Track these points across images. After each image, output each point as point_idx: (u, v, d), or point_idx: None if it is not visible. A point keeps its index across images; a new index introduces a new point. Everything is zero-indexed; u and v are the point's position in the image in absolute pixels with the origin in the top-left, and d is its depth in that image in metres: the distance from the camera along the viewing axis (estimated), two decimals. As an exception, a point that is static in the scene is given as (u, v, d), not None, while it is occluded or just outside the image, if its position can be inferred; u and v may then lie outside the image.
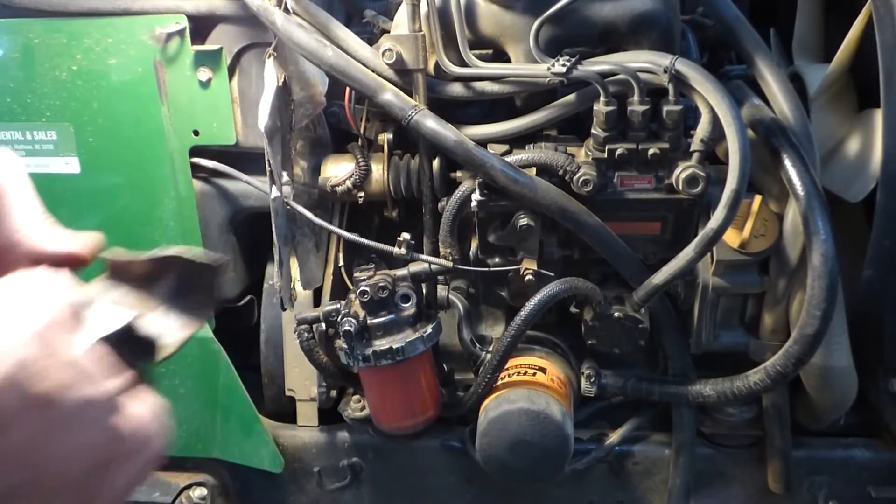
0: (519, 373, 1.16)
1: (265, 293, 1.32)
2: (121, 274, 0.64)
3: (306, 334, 1.17)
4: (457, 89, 1.09)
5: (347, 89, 1.15)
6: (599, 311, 1.11)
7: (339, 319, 1.10)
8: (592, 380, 1.18)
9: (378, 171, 1.17)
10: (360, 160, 1.16)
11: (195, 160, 1.20)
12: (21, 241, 0.56)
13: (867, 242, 1.07)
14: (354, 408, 1.28)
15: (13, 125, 1.19)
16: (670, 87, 0.98)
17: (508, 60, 1.09)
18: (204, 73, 1.15)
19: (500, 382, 1.15)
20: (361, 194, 1.17)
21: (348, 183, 1.16)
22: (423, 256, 1.13)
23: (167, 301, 0.64)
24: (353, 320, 1.09)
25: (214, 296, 0.64)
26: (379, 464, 1.29)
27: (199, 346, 1.25)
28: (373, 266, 1.15)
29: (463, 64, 1.06)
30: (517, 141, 1.10)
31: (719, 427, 1.22)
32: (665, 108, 0.99)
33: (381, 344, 1.09)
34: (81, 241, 0.58)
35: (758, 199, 1.05)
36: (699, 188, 1.00)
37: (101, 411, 0.52)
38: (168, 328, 0.62)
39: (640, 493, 1.27)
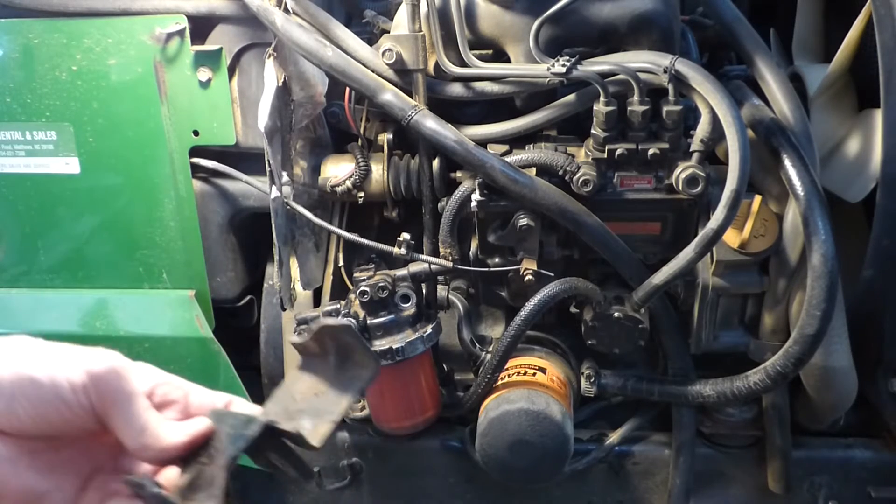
0: (519, 373, 1.16)
1: (265, 293, 1.32)
2: (305, 357, 0.72)
3: (306, 334, 1.17)
4: (457, 89, 1.09)
5: (347, 89, 1.15)
6: (599, 311, 1.11)
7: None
8: (592, 380, 1.18)
9: (378, 171, 1.17)
10: (360, 160, 1.16)
11: (195, 160, 1.20)
12: (148, 444, 0.60)
13: (867, 242, 1.07)
14: (354, 408, 1.28)
15: (13, 125, 1.19)
16: (670, 87, 0.98)
17: (508, 60, 1.09)
18: (204, 73, 1.15)
19: (500, 382, 1.15)
20: (361, 194, 1.17)
21: (348, 183, 1.16)
22: (423, 256, 1.13)
23: (336, 371, 0.70)
24: (353, 320, 1.09)
25: (370, 353, 0.69)
26: (379, 464, 1.29)
27: (199, 346, 1.25)
28: (373, 266, 1.15)
29: (463, 64, 1.06)
30: (517, 141, 1.10)
31: (719, 427, 1.22)
32: (665, 109, 0.99)
33: (381, 344, 1.09)
34: (195, 426, 0.63)
35: (758, 199, 1.05)
36: (699, 188, 1.00)
37: None
38: (328, 406, 0.68)
39: (640, 493, 1.27)
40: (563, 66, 0.98)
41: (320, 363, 0.71)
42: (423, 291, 1.16)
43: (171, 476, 0.63)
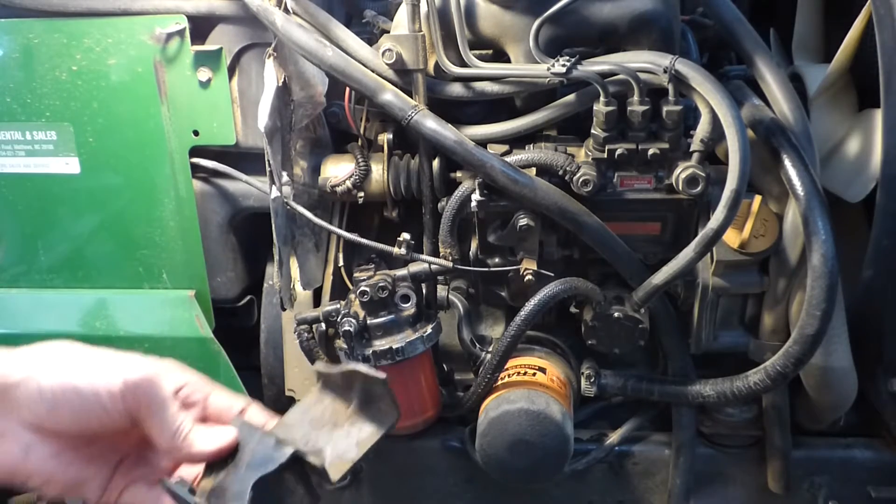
0: (519, 373, 1.16)
1: (265, 293, 1.32)
2: (327, 383, 0.75)
3: (306, 334, 1.17)
4: (457, 89, 1.09)
5: (347, 89, 1.15)
6: (599, 311, 1.11)
7: (339, 319, 1.10)
8: (592, 380, 1.18)
9: (378, 171, 1.17)
10: (360, 160, 1.16)
11: (195, 160, 1.20)
12: (179, 448, 0.68)
13: (867, 242, 1.07)
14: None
15: (13, 125, 1.19)
16: (670, 87, 0.98)
17: (508, 60, 1.09)
18: (204, 73, 1.15)
19: (500, 382, 1.15)
20: (361, 194, 1.17)
21: (348, 183, 1.16)
22: (423, 256, 1.13)
23: (357, 410, 0.73)
24: (353, 320, 1.09)
25: (395, 404, 0.72)
26: (379, 464, 1.29)
27: (199, 346, 1.25)
28: (373, 266, 1.15)
29: (463, 64, 1.06)
30: (517, 141, 1.10)
31: (719, 427, 1.22)
32: (665, 108, 0.99)
33: (381, 344, 1.09)
34: (224, 437, 0.69)
35: (758, 199, 1.05)
36: (699, 188, 1.00)
37: None
38: (348, 444, 0.71)
39: (640, 493, 1.27)
40: (563, 66, 0.98)
41: (340, 393, 0.74)
42: (423, 291, 1.16)
43: (189, 473, 0.70)
